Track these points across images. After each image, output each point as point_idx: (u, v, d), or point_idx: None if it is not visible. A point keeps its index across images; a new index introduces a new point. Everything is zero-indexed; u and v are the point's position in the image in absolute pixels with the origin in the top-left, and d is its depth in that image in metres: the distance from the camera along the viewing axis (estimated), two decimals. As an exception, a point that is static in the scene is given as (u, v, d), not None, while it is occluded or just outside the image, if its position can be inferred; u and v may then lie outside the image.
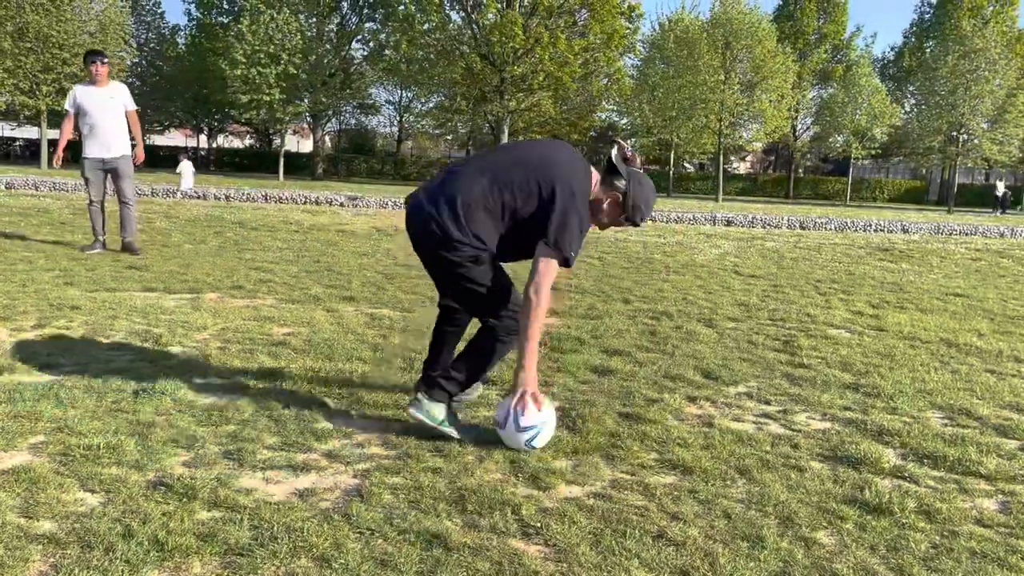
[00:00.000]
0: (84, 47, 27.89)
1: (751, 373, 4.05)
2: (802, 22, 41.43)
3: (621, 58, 33.00)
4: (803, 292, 6.88)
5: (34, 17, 26.77)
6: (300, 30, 29.54)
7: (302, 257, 7.48)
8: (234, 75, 28.57)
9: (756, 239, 11.99)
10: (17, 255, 6.66)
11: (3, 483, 2.32)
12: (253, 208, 13.18)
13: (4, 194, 13.50)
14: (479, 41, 29.13)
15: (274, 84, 28.84)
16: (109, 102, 7.21)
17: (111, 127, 7.21)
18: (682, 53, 31.59)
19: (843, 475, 2.68)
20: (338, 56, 32.97)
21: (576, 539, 2.14)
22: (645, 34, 35.50)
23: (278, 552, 1.99)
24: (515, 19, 27.42)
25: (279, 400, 3.21)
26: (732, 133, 33.76)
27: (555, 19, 28.84)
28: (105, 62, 7.26)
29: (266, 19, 28.66)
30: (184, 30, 39.70)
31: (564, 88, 29.11)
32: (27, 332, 4.14)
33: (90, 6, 29.46)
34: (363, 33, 34.71)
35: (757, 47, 30.32)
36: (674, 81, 31.82)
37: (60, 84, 28.10)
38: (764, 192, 47.15)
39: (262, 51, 28.57)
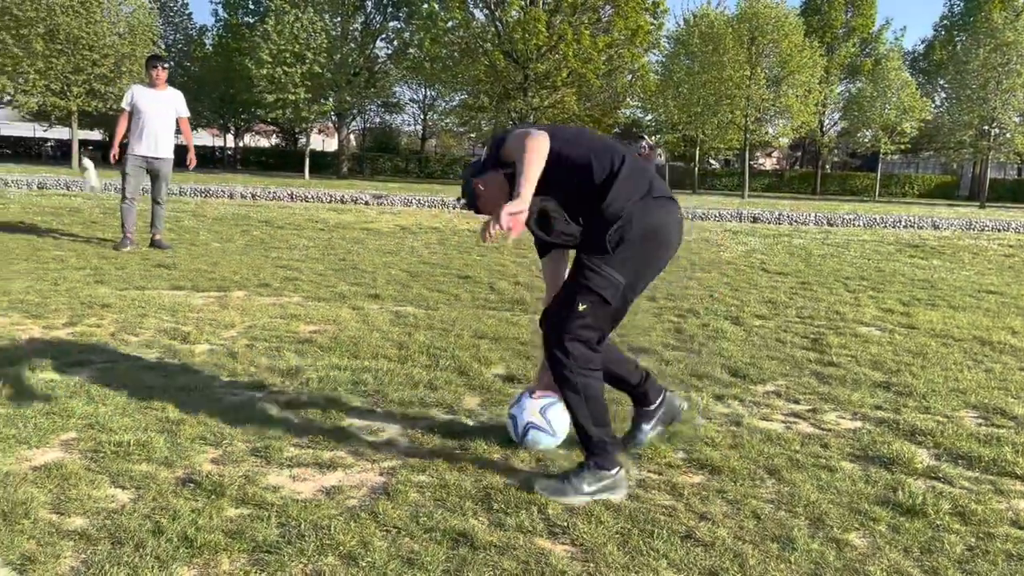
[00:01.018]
0: (113, 48, 28.28)
1: (779, 371, 4.00)
2: (830, 15, 40.91)
3: (645, 54, 32.81)
4: (831, 289, 6.79)
5: (64, 19, 27.15)
6: (325, 29, 29.70)
7: (328, 255, 7.52)
8: (260, 74, 28.80)
9: (783, 236, 11.87)
10: (49, 254, 6.76)
11: (36, 479, 2.35)
12: (279, 207, 13.28)
13: (36, 194, 13.71)
14: (502, 38, 29.12)
15: (299, 83, 29.04)
16: (163, 105, 7.53)
17: (160, 129, 7.49)
18: (707, 48, 31.32)
19: (875, 475, 2.64)
20: (362, 55, 33.12)
21: (603, 539, 2.13)
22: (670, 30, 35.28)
23: (305, 550, 1.99)
24: (539, 16, 27.36)
25: (306, 397, 3.23)
26: (758, 129, 33.42)
27: (579, 15, 28.74)
28: (165, 67, 7.70)
29: (291, 19, 28.85)
30: (211, 30, 40.13)
31: (588, 85, 29.00)
32: (59, 330, 4.20)
33: (119, 8, 29.83)
34: (387, 32, 34.84)
35: (784, 41, 29.98)
36: (699, 77, 31.56)
37: (90, 85, 28.49)
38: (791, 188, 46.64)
39: (287, 50, 28.78)
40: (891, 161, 46.80)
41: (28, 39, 27.00)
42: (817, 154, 46.57)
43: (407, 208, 14.76)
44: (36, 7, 26.92)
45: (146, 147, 7.45)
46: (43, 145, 44.23)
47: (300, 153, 35.19)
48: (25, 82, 27.60)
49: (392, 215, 12.65)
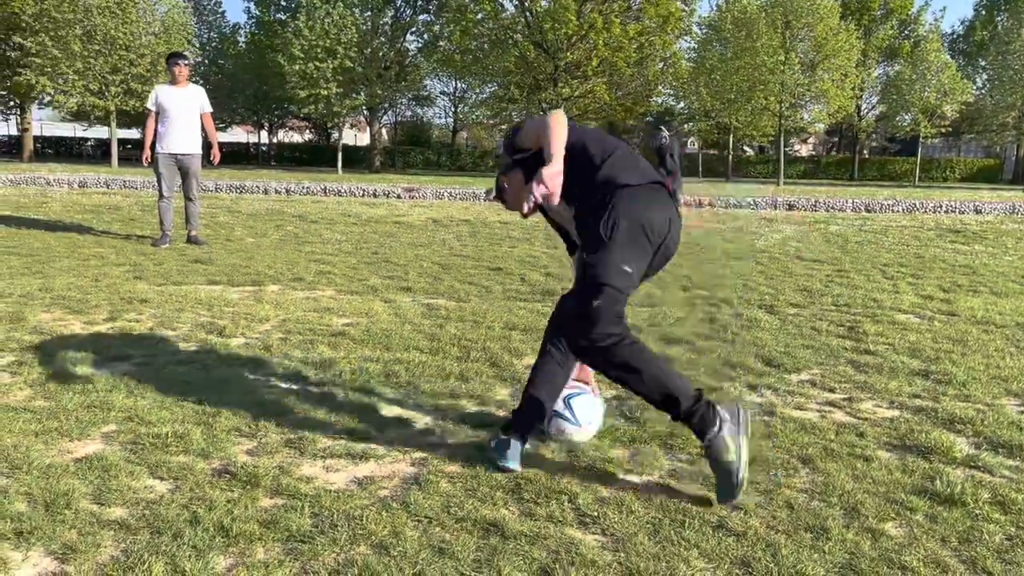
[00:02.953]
0: (149, 48, 28.72)
1: (814, 360, 3.95)
2: (867, -3, 40.12)
3: (677, 41, 32.47)
4: (869, 276, 6.68)
5: (101, 20, 27.62)
6: (355, 23, 29.84)
7: (360, 249, 7.58)
8: (292, 70, 29.04)
9: (819, 223, 11.69)
10: (90, 251, 6.91)
11: (77, 470, 2.40)
12: (312, 201, 13.41)
13: (77, 192, 14.01)
14: (532, 29, 29.01)
15: (331, 78, 29.22)
16: (186, 102, 7.63)
17: (185, 126, 7.60)
18: (740, 34, 30.86)
19: (912, 465, 2.59)
20: (393, 49, 33.24)
21: (634, 528, 2.12)
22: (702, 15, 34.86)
23: (338, 539, 2.02)
24: (568, 4, 27.19)
25: (338, 390, 3.26)
26: (793, 114, 32.89)
27: (609, 4, 28.51)
28: (186, 64, 7.74)
29: (322, 14, 29.03)
30: (244, 28, 40.55)
31: (619, 73, 28.78)
32: (99, 325, 4.29)
33: (154, 8, 30.27)
34: (417, 25, 34.92)
35: (819, 24, 29.41)
36: (732, 63, 31.11)
37: (128, 85, 28.96)
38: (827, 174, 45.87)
39: (319, 46, 28.98)
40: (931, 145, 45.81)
41: (66, 40, 27.53)
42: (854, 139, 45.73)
43: (438, 201, 14.82)
44: (74, 9, 27.42)
45: (174, 144, 7.58)
46: (83, 144, 45.10)
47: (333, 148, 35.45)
48: (64, 82, 28.15)
49: (424, 208, 12.71)
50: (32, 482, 2.31)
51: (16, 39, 28.91)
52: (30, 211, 10.03)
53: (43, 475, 2.36)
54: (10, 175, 17.23)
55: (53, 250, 6.87)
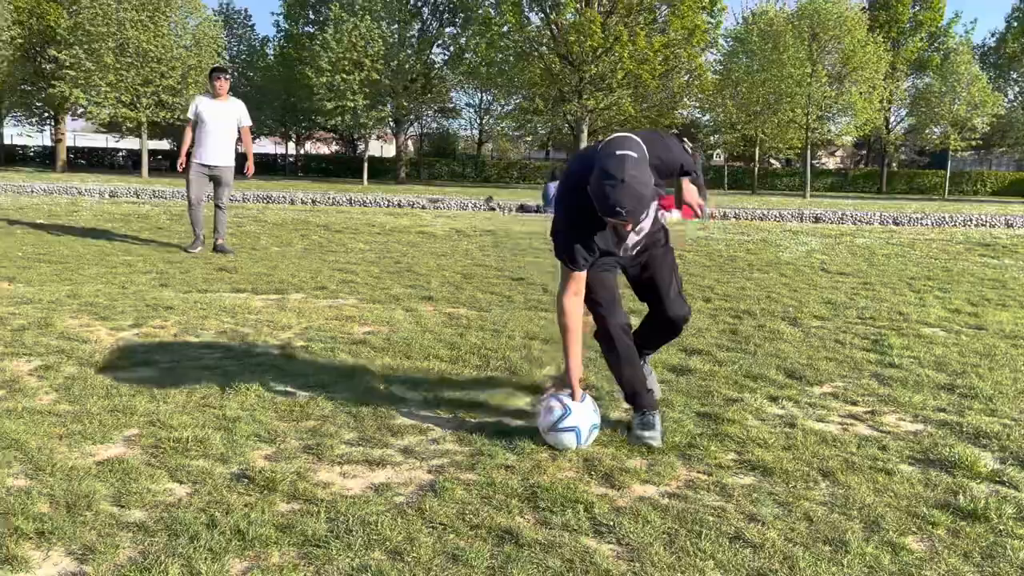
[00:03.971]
0: (180, 60, 29.21)
1: (837, 373, 3.90)
2: (896, 10, 39.73)
3: (702, 54, 32.39)
4: (895, 289, 6.59)
5: (134, 33, 28.16)
6: (382, 36, 30.13)
7: (383, 258, 7.62)
8: (319, 82, 29.38)
9: (845, 235, 11.57)
10: (118, 259, 7.01)
11: (99, 473, 2.44)
12: (337, 211, 13.52)
13: (108, 202, 14.24)
14: (557, 41, 29.10)
15: (357, 90, 29.51)
16: (225, 116, 7.81)
17: (222, 138, 7.78)
18: (766, 46, 30.78)
19: (935, 479, 2.55)
20: (419, 61, 33.51)
21: (649, 538, 2.11)
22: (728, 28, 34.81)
23: (352, 544, 2.02)
24: (594, 17, 27.25)
25: (358, 397, 3.28)
26: (820, 127, 32.67)
27: (634, 16, 28.52)
28: (227, 78, 7.93)
29: (349, 27, 29.35)
30: (273, 41, 41.11)
31: (644, 86, 28.76)
32: (125, 331, 4.35)
33: (185, 21, 30.81)
34: (443, 38, 35.19)
35: (846, 37, 29.24)
36: (758, 75, 31.02)
37: (159, 97, 29.47)
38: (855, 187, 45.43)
39: (346, 58, 29.29)
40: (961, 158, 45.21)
41: (100, 53, 28.09)
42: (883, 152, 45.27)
43: (463, 212, 14.87)
44: (107, 22, 27.99)
45: (208, 155, 7.75)
46: (115, 155, 45.90)
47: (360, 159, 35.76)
48: (97, 94, 28.69)
49: (447, 218, 12.76)
50: (55, 484, 2.34)
51: (51, 52, 29.56)
52: (61, 219, 10.21)
53: (66, 477, 2.40)
54: (43, 184, 17.57)
55: (82, 257, 6.98)
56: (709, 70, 33.90)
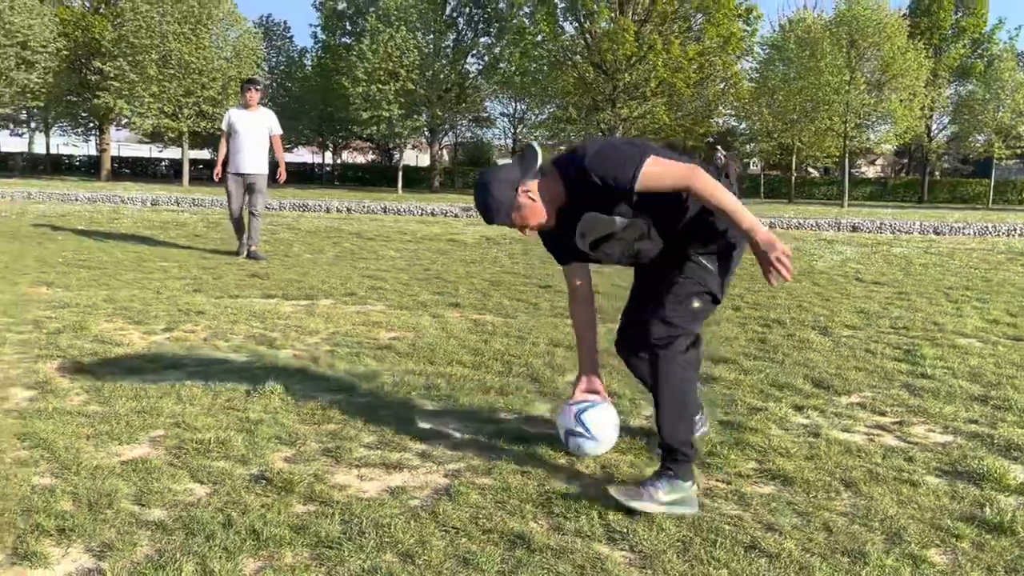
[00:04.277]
0: (221, 72, 29.76)
1: (867, 383, 3.83)
2: (938, 16, 39.03)
3: (738, 61, 32.13)
4: (931, 299, 6.46)
5: (176, 45, 28.77)
6: (417, 47, 30.39)
7: (413, 265, 7.67)
8: (355, 92, 29.70)
9: (882, 245, 11.37)
10: (155, 264, 7.15)
11: (122, 472, 2.48)
12: (370, 219, 13.64)
13: (148, 210, 14.52)
14: (591, 50, 29.10)
15: (393, 100, 29.79)
16: (257, 125, 8.08)
17: (254, 147, 8.04)
18: (804, 54, 30.43)
19: (962, 491, 2.49)
20: (454, 71, 33.74)
21: (663, 546, 2.08)
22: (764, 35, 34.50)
23: (365, 546, 2.04)
24: (627, 25, 27.21)
25: (379, 401, 3.30)
26: (859, 135, 32.18)
27: (668, 25, 28.42)
28: (258, 89, 8.22)
29: (385, 37, 29.66)
30: (311, 52, 41.69)
31: (678, 94, 28.60)
32: (157, 335, 4.43)
33: (226, 33, 31.40)
34: (478, 48, 35.37)
35: (885, 44, 28.78)
36: (795, 83, 30.66)
37: (200, 107, 30.04)
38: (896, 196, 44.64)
39: (382, 68, 29.58)
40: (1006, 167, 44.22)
41: (143, 65, 28.74)
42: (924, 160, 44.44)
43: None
44: (151, 34, 28.63)
45: (243, 164, 8.01)
46: (158, 164, 46.84)
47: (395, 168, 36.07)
48: (140, 105, 29.33)
49: (478, 226, 12.79)
50: (79, 482, 2.39)
51: (96, 63, 30.31)
52: (102, 226, 10.45)
53: (90, 476, 2.44)
54: (87, 193, 17.99)
55: (120, 263, 7.14)
56: (745, 78, 33.59)
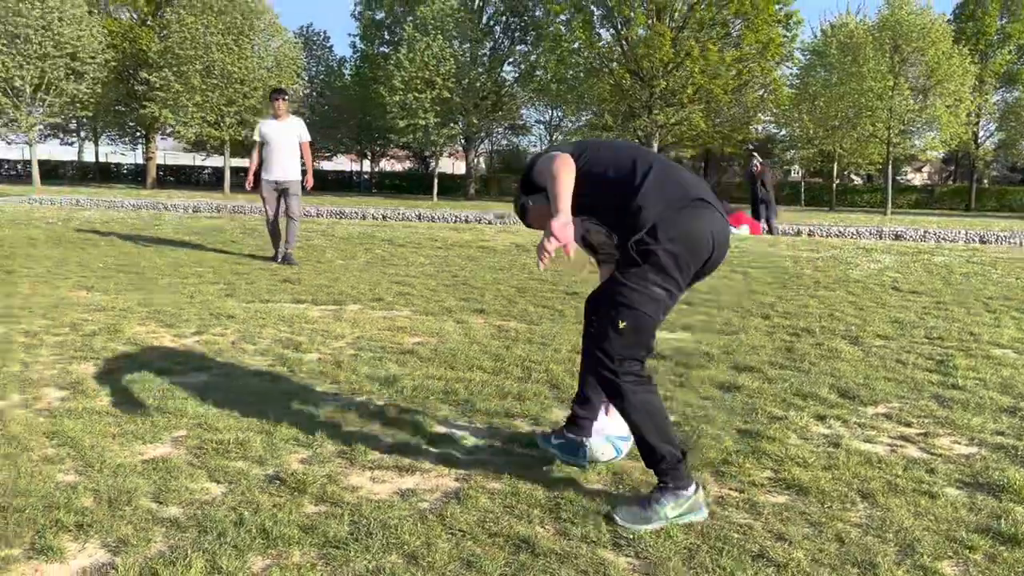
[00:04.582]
0: (262, 81, 30.31)
1: (894, 393, 3.77)
2: (983, 21, 38.21)
3: (777, 67, 31.77)
4: (969, 309, 6.31)
5: (219, 56, 29.40)
6: (454, 55, 30.62)
7: (442, 272, 7.72)
8: (392, 101, 30.03)
9: (922, 253, 11.14)
10: (190, 270, 7.31)
11: (143, 470, 2.55)
12: (403, 226, 13.76)
13: (188, 216, 14.84)
14: (627, 57, 29.02)
15: (428, 108, 30.05)
16: (286, 134, 8.37)
17: (286, 154, 8.34)
18: (846, 59, 29.99)
19: (980, 503, 2.44)
20: (490, 79, 33.91)
21: (669, 553, 2.08)
22: (805, 41, 34.05)
23: (371, 547, 2.06)
24: (663, 31, 27.10)
25: (398, 404, 3.34)
26: (903, 142, 31.58)
27: (706, 31, 28.22)
28: (285, 99, 8.49)
29: (422, 46, 29.94)
30: (350, 61, 42.24)
31: (716, 101, 28.38)
32: (187, 338, 4.53)
33: (268, 43, 31.98)
34: (515, 56, 35.52)
35: (930, 49, 28.24)
36: (837, 88, 30.23)
37: (241, 116, 30.62)
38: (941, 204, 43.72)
39: (418, 77, 29.86)
40: (1057, 174, 42.98)
41: (187, 75, 29.39)
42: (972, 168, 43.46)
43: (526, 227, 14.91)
44: (195, 46, 29.29)
45: (275, 172, 8.32)
46: (201, 172, 47.80)
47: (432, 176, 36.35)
48: (184, 114, 29.99)
49: (510, 234, 12.84)
50: (101, 480, 2.46)
51: (143, 74, 31.08)
52: (144, 232, 10.70)
53: (112, 474, 2.51)
54: (132, 200, 18.44)
55: (157, 268, 7.30)
56: (785, 84, 33.19)
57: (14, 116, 29.82)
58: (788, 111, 33.50)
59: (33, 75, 29.06)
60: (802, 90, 32.99)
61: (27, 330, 4.55)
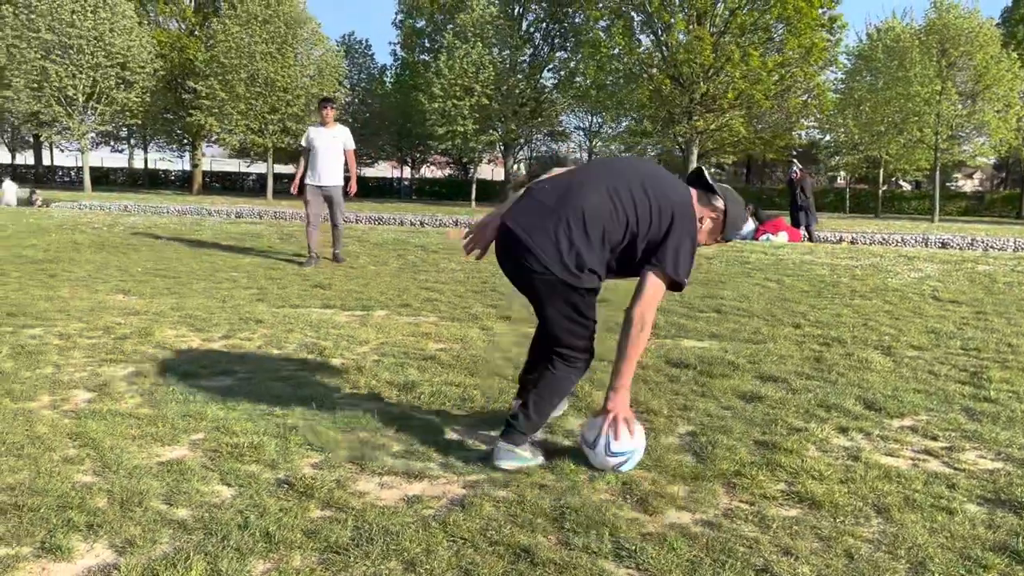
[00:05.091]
0: (305, 89, 30.81)
1: (923, 405, 3.67)
2: (1035, 24, 37.23)
3: (821, 72, 31.29)
4: (1010, 320, 6.13)
5: (263, 64, 29.98)
6: (492, 62, 30.76)
7: (471, 278, 7.74)
8: (432, 108, 30.29)
9: (966, 262, 10.85)
10: (225, 275, 7.44)
11: (158, 472, 2.59)
12: (438, 233, 13.83)
13: (228, 222, 15.11)
14: (667, 62, 28.85)
15: (467, 115, 30.23)
16: (332, 141, 8.71)
17: (331, 161, 8.68)
18: (892, 63, 29.42)
19: (1000, 520, 2.36)
20: (530, 86, 33.99)
21: (670, 566, 2.05)
22: (849, 45, 33.49)
23: (371, 553, 2.07)
24: (703, 35, 26.88)
25: (415, 411, 3.35)
26: (951, 147, 30.85)
27: (747, 36, 27.93)
28: (333, 107, 8.91)
29: (461, 54, 30.15)
30: (390, 69, 42.70)
31: (757, 106, 28.05)
32: (215, 342, 4.61)
33: (310, 53, 32.51)
34: (554, 62, 35.56)
35: (978, 53, 27.57)
36: (883, 93, 29.66)
37: (284, 123, 31.16)
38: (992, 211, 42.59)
39: (457, 84, 30.07)
40: (1115, 180, 41.59)
41: (232, 84, 30.00)
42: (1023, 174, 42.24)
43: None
44: (240, 55, 29.89)
45: (320, 177, 8.63)
46: (246, 179, 48.72)
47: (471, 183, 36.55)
48: (229, 122, 30.61)
49: (546, 240, 12.82)
50: (116, 481, 2.51)
51: (190, 83, 31.81)
52: (184, 237, 10.93)
53: (128, 475, 2.56)
54: (177, 206, 18.85)
55: (194, 273, 7.45)
56: (829, 89, 32.66)
57: (67, 124, 30.76)
58: (833, 116, 32.97)
59: (85, 84, 29.95)
60: (847, 95, 32.45)
61: (62, 332, 4.67)
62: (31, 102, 29.46)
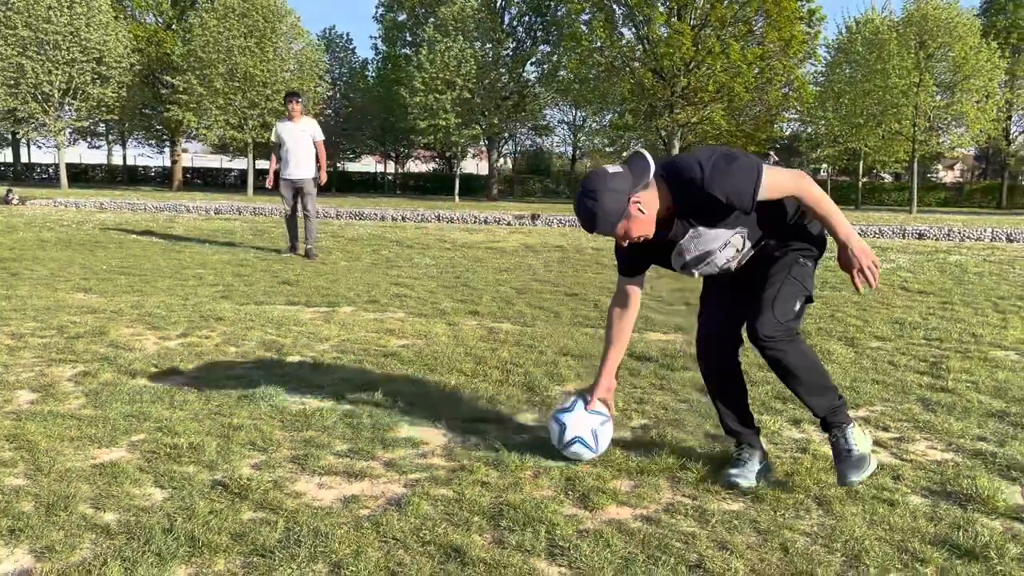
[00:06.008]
0: (285, 84, 30.56)
1: (879, 396, 3.66)
2: (1015, 14, 37.43)
3: (801, 65, 31.36)
4: (977, 310, 6.15)
5: (242, 59, 29.70)
6: (474, 56, 30.63)
7: (444, 273, 7.69)
8: (413, 102, 30.13)
9: (938, 252, 10.91)
10: (191, 272, 7.35)
11: (90, 475, 2.53)
12: (415, 227, 13.76)
13: (202, 218, 14.97)
14: (648, 55, 28.82)
15: (449, 109, 30.09)
16: (301, 134, 8.90)
17: (301, 154, 8.88)
18: (871, 56, 29.52)
19: (943, 512, 2.34)
20: (512, 79, 33.88)
21: (602, 563, 2.01)
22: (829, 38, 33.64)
23: (297, 555, 2.02)
24: (683, 29, 26.87)
25: (366, 408, 3.30)
26: (929, 139, 31.01)
27: (727, 28, 27.93)
28: (299, 101, 9.01)
29: (442, 48, 29.99)
30: (372, 63, 42.46)
31: (738, 99, 28.08)
32: (171, 340, 4.54)
33: (290, 47, 32.23)
34: (537, 55, 35.44)
35: (956, 44, 27.69)
36: (861, 86, 29.75)
37: (264, 119, 30.89)
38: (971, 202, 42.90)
39: (439, 78, 29.93)
40: (1092, 170, 41.99)
41: (211, 78, 29.72)
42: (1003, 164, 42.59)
43: (543, 227, 14.86)
44: (218, 49, 29.61)
45: (292, 170, 8.86)
46: (227, 175, 48.33)
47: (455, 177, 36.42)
48: (207, 117, 30.34)
49: (522, 234, 12.78)
50: (47, 484, 2.45)
51: (167, 78, 31.50)
52: (155, 234, 10.81)
53: (59, 478, 2.50)
54: (156, 203, 18.66)
55: (159, 271, 7.35)
56: (809, 82, 32.75)
57: (43, 121, 30.39)
58: (813, 109, 33.06)
59: (61, 80, 29.59)
60: (827, 88, 32.54)
61: (15, 332, 4.59)
62: (7, 99, 29.09)
